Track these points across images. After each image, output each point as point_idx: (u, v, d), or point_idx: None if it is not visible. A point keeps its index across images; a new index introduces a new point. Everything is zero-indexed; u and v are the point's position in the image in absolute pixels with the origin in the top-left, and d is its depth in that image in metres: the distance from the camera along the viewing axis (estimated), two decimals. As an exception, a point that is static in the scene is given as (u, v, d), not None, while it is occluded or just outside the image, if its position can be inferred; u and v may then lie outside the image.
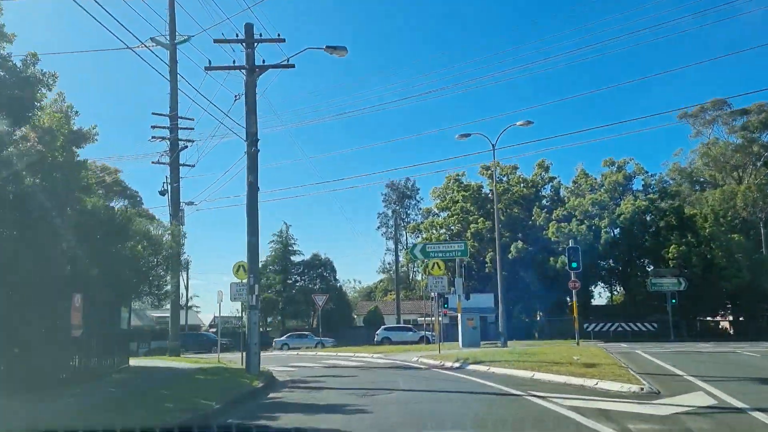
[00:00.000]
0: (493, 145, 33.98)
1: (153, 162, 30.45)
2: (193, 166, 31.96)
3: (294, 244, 60.93)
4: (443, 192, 62.15)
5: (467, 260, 52.08)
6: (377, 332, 47.37)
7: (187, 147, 30.84)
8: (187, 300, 60.71)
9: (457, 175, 62.24)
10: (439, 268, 25.56)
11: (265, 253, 70.57)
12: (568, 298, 51.41)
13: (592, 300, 59.60)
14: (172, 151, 29.93)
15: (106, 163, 40.07)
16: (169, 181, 30.24)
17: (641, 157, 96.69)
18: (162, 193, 30.90)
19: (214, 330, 65.94)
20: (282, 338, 48.94)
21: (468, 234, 57.60)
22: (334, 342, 47.26)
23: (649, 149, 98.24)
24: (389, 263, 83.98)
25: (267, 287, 56.47)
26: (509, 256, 51.45)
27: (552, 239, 53.10)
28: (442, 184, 62.84)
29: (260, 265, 65.28)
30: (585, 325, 45.47)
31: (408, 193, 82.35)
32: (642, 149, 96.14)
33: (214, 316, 77.36)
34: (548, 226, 53.78)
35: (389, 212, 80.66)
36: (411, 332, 46.64)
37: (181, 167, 30.53)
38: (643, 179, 59.62)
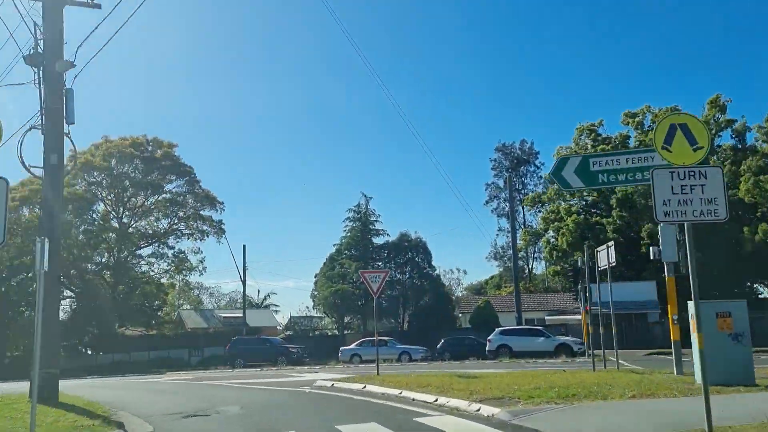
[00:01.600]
0: None
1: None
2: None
3: (376, 221, 47.57)
4: (573, 150, 46.47)
5: (613, 236, 36.56)
6: (490, 337, 32.58)
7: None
8: (244, 295, 48.78)
9: (592, 125, 46.45)
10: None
11: (338, 233, 57.82)
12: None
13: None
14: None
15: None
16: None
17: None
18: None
19: (288, 334, 53.75)
20: (351, 347, 35.35)
21: (613, 201, 41.89)
22: (426, 353, 33.25)
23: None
24: (502, 247, 68.73)
25: (341, 277, 43.46)
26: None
27: (746, 200, 36.31)
28: (572, 139, 47.32)
29: (333, 249, 52.74)
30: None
31: (524, 157, 66.73)
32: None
33: (290, 317, 65.71)
34: (738, 183, 37.01)
35: (500, 182, 64.98)
36: (542, 338, 31.35)
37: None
38: None
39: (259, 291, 72.98)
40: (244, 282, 46.33)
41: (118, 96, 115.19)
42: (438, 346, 34.34)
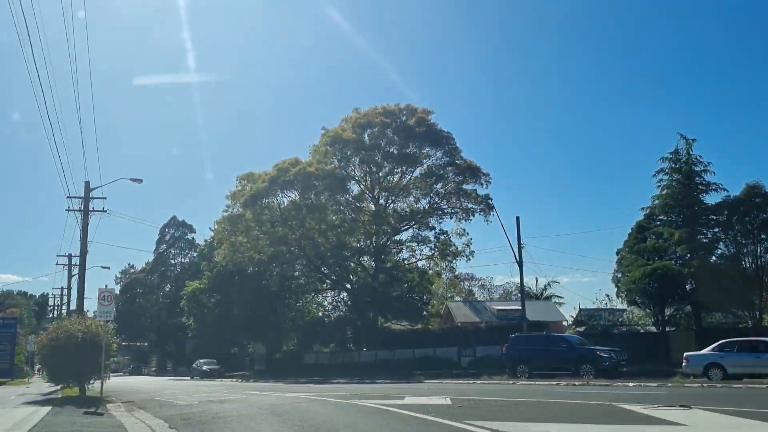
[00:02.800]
0: None
1: None
2: None
3: (704, 171, 33.21)
4: None
5: None
6: None
7: None
8: (522, 287, 38.21)
9: None
10: None
11: (650, 189, 43.57)
12: None
13: None
14: None
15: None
16: None
17: None
18: None
19: (579, 331, 41.99)
20: (706, 351, 21.90)
21: None
22: None
23: None
24: None
25: (655, 251, 30.63)
26: None
27: None
28: None
29: (642, 214, 38.43)
30: None
31: None
32: None
33: (579, 308, 53.45)
34: None
35: None
36: None
37: None
38: None
39: (537, 280, 61.70)
40: (520, 263, 36.06)
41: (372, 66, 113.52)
42: None
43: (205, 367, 50.95)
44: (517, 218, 38.05)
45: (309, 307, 56.61)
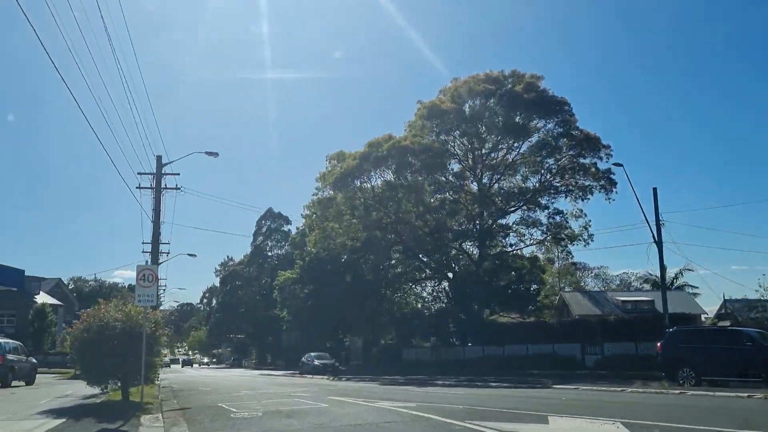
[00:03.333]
0: None
1: None
2: None
3: None
4: None
5: None
6: None
7: None
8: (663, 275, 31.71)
9: None
10: None
11: None
12: None
13: None
14: None
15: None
16: None
17: None
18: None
19: (725, 325, 35.07)
20: None
21: None
22: None
23: None
24: None
25: None
26: None
27: None
28: None
29: None
30: None
31: None
32: None
33: (724, 301, 45.76)
34: None
35: None
36: None
37: None
38: None
39: (665, 268, 54.26)
40: (659, 242, 29.82)
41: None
42: None
43: (316, 362, 42.90)
44: (654, 190, 31.79)
45: (407, 298, 52.37)
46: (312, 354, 44.58)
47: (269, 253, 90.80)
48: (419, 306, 52.71)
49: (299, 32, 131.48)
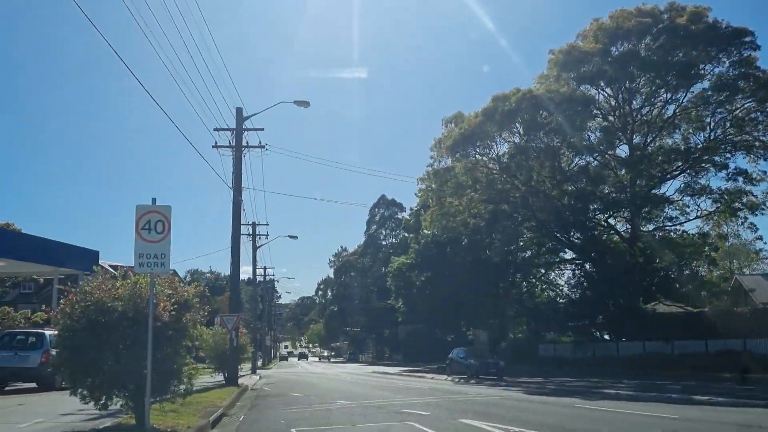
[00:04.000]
0: None
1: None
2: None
3: None
4: None
5: None
6: None
7: None
8: None
9: None
10: None
11: None
12: None
13: None
14: None
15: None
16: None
17: None
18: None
19: None
20: None
21: None
22: None
23: None
24: None
25: None
26: None
27: None
28: None
29: None
30: None
31: None
32: None
33: None
34: None
35: None
36: None
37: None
38: None
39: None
40: None
41: None
42: None
43: (471, 360, 31.21)
44: None
45: (540, 285, 45.27)
46: (461, 350, 34.25)
47: (383, 242, 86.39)
48: (554, 294, 45.42)
49: None
